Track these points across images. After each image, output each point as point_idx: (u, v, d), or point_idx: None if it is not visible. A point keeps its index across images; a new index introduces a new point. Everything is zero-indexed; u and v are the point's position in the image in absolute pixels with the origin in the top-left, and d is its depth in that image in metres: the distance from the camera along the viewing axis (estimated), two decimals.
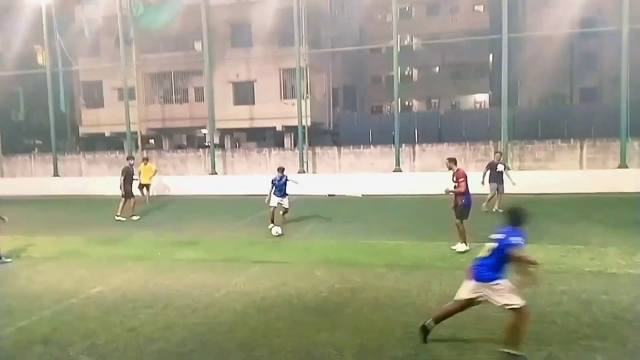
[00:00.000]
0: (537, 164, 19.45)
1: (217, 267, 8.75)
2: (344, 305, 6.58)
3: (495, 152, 15.68)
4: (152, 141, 33.00)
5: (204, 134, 31.73)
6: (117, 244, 11.11)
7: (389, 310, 6.34)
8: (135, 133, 24.30)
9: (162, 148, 30.19)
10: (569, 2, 24.05)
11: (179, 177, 22.56)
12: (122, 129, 23.96)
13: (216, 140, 25.52)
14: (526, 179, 17.70)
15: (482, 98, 42.81)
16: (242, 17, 27.70)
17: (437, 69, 44.23)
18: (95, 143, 33.01)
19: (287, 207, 12.39)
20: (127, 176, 14.61)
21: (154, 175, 18.02)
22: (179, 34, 28.18)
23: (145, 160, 18.27)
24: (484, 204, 13.54)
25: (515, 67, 29.19)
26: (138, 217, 14.53)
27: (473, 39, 31.82)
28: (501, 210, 12.43)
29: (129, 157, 16.05)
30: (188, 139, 35.41)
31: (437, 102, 43.46)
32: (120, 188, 14.45)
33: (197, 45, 27.88)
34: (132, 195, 14.66)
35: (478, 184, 13.08)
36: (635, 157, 18.32)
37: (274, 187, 12.12)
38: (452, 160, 9.72)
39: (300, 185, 12.79)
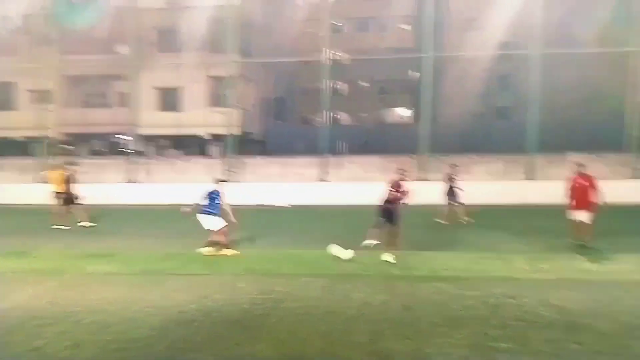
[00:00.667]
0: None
1: (134, 281, 8.36)
2: (267, 317, 6.52)
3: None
4: (69, 147, 31.09)
5: (126, 140, 30.46)
6: (24, 257, 10.29)
7: (312, 320, 6.36)
8: (51, 138, 22.84)
9: (78, 154, 28.53)
10: (488, 26, 25.77)
11: (96, 185, 21.40)
12: (37, 133, 22.43)
13: (139, 147, 24.54)
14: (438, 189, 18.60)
15: (407, 113, 44.53)
16: (170, 22, 27.02)
17: (366, 84, 45.50)
18: (5, 148, 30.61)
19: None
20: (68, 183, 14.20)
21: (66, 181, 16.89)
22: (104, 36, 26.96)
23: (58, 167, 17.14)
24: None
25: (437, 85, 30.69)
26: (67, 227, 13.91)
27: (400, 57, 33.15)
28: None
29: (70, 163, 15.47)
30: (107, 145, 33.78)
31: (365, 116, 44.62)
32: (60, 196, 14.14)
33: (122, 49, 26.78)
34: (73, 203, 14.31)
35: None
36: (541, 171, 19.83)
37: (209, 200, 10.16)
38: (403, 171, 10.06)
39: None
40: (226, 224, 10.13)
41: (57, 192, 16.50)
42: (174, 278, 8.47)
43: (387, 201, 9.62)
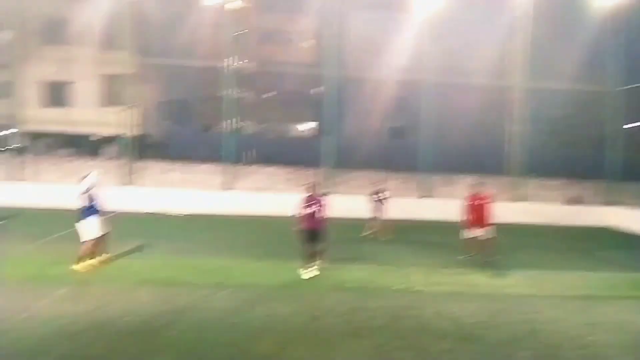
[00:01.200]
0: (355, 190, 21.30)
1: (17, 289, 7.56)
2: (167, 328, 6.25)
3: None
4: None
5: (6, 135, 27.52)
6: None
7: (215, 331, 6.22)
8: None
9: None
10: (388, 50, 27.31)
11: None
12: None
13: (22, 144, 22.28)
14: (345, 204, 19.28)
15: (312, 126, 45.43)
16: (59, 12, 24.99)
17: (271, 94, 45.71)
18: None
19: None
20: None
21: None
22: None
23: None
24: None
25: (340, 101, 31.74)
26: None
27: (304, 72, 33.87)
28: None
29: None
30: None
31: (269, 126, 44.74)
32: None
33: (3, 35, 24.23)
34: None
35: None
36: (435, 189, 21.32)
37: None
38: (314, 186, 9.51)
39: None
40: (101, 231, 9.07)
41: None
42: (63, 287, 7.79)
43: (310, 221, 9.11)
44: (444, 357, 5.79)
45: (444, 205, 20.19)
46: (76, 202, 9.04)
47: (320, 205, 9.19)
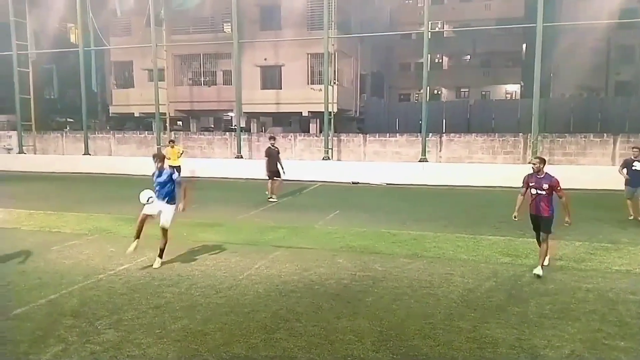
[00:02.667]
0: (567, 158, 19.03)
1: (240, 250, 8.88)
2: (365, 293, 6.61)
3: (634, 148, 12.03)
4: (179, 123, 33.44)
5: (231, 117, 31.98)
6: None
7: (410, 301, 6.34)
8: (164, 114, 24.64)
9: (189, 130, 30.56)
10: None
11: (205, 160, 22.86)
12: (151, 109, 24.33)
13: (242, 124, 25.67)
14: (556, 173, 17.41)
15: (514, 89, 41.90)
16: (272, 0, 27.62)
17: (468, 57, 43.41)
18: (125, 122, 33.65)
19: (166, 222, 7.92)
20: (270, 157, 14.61)
21: (181, 155, 18.12)
22: (209, 15, 28.31)
23: (172, 142, 18.47)
24: None
25: (549, 57, 28.42)
26: (275, 200, 14.53)
27: (506, 27, 31.10)
28: None
29: (271, 138, 15.73)
30: (215, 122, 35.72)
31: (467, 92, 42.72)
32: (266, 170, 14.61)
33: (227, 28, 27.95)
34: (279, 175, 14.61)
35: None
36: None
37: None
38: (543, 162, 7.67)
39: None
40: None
41: (173, 167, 17.72)
42: (277, 250, 8.87)
43: (534, 205, 7.48)
44: None
45: None
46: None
47: (548, 187, 7.35)
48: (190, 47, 27.88)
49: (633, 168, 11.44)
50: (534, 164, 7.61)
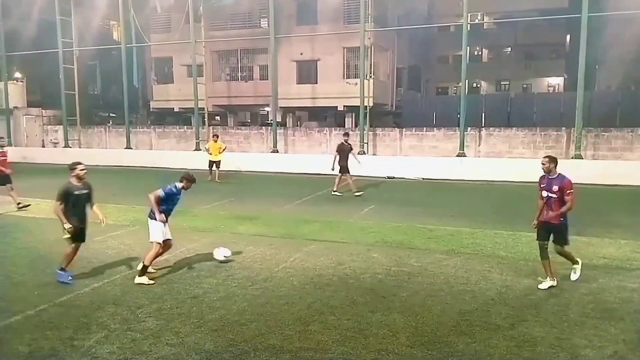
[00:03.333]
0: (612, 153, 18.29)
1: (276, 243, 8.98)
2: (400, 288, 6.57)
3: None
4: (217, 118, 33.99)
5: (267, 111, 32.25)
6: (184, 215, 11.54)
7: (446, 297, 6.27)
8: (203, 109, 25.11)
9: (227, 125, 31.04)
10: None
11: (243, 154, 23.19)
12: (190, 104, 24.84)
13: (278, 119, 25.88)
14: (600, 168, 16.81)
15: (556, 81, 40.50)
16: None
17: (509, 49, 42.22)
18: (165, 117, 34.47)
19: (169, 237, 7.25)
20: (342, 152, 14.42)
21: (223, 151, 18.33)
22: (246, 11, 28.59)
23: (215, 137, 18.71)
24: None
25: (593, 49, 27.25)
26: (360, 192, 14.39)
27: (549, 18, 30.03)
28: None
29: (345, 134, 15.74)
30: (252, 117, 36.13)
31: (507, 85, 41.60)
32: (335, 164, 14.41)
33: (264, 23, 28.17)
34: (348, 171, 14.43)
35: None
36: None
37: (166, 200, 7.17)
38: (553, 161, 6.64)
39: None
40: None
41: (213, 161, 17.98)
42: (312, 243, 8.93)
43: (544, 211, 6.63)
44: None
45: None
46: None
47: (557, 192, 6.42)
48: (227, 43, 28.24)
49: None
50: (543, 163, 6.63)
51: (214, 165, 17.92)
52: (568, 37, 37.20)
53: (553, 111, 22.02)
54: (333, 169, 14.34)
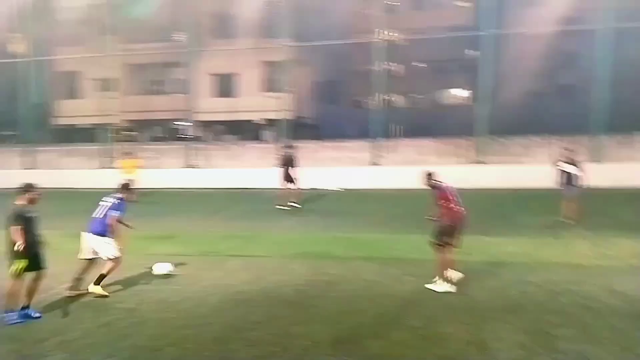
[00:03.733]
0: (513, 159, 19.76)
1: (193, 261, 8.70)
2: (320, 298, 6.62)
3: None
4: (131, 133, 32.54)
5: (183, 126, 31.39)
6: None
7: (365, 302, 6.40)
8: (115, 125, 23.96)
9: (140, 140, 29.81)
10: (551, 1, 24.40)
11: (156, 170, 22.32)
12: (101, 120, 23.60)
13: (196, 133, 25.27)
14: (502, 173, 18.13)
15: (464, 94, 43.22)
16: (225, 8, 27.38)
17: (420, 64, 44.47)
18: (73, 135, 32.45)
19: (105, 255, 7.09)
20: (287, 164, 14.51)
21: (136, 168, 17.32)
22: (162, 24, 27.81)
23: (128, 154, 17.78)
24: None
25: (496, 63, 29.44)
26: (298, 205, 14.31)
27: (457, 35, 32.16)
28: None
29: (288, 146, 15.47)
30: (167, 132, 35.01)
31: (419, 98, 43.72)
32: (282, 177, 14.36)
33: (180, 36, 27.52)
34: (292, 181, 14.41)
35: None
36: (608, 153, 18.71)
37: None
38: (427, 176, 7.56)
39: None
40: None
41: (128, 180, 16.89)
42: (232, 259, 8.75)
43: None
44: (613, 336, 5.16)
45: (619, 170, 17.73)
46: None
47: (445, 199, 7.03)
48: (141, 56, 27.25)
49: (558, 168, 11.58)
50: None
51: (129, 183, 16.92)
52: (473, 52, 39.93)
53: (461, 121, 23.39)
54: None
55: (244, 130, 31.24)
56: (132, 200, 7.35)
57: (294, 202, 14.26)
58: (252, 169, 20.80)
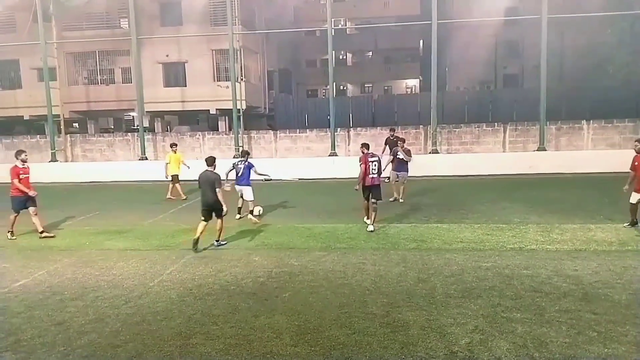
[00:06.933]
0: (463, 147, 20.40)
1: (150, 256, 8.52)
2: (282, 289, 6.64)
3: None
4: (76, 125, 31.18)
5: (132, 116, 30.42)
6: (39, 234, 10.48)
7: (326, 292, 6.48)
8: (58, 116, 22.87)
9: (87, 132, 28.62)
10: None
11: (107, 163, 21.57)
12: (43, 111, 22.45)
13: (145, 124, 24.53)
14: (454, 161, 18.70)
15: (413, 83, 44.03)
16: None
17: (371, 53, 44.89)
18: (14, 126, 30.73)
19: (248, 198, 11.29)
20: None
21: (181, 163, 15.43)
22: (104, 10, 26.66)
23: (175, 145, 15.61)
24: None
25: (444, 53, 30.23)
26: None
27: (404, 25, 32.61)
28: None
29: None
30: (115, 123, 33.78)
31: (371, 87, 44.19)
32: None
33: (124, 23, 26.48)
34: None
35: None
36: (552, 140, 19.66)
37: (235, 172, 11.37)
38: (364, 145, 10.40)
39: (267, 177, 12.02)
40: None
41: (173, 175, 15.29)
42: (190, 253, 8.62)
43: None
44: (563, 317, 5.47)
45: (563, 157, 18.69)
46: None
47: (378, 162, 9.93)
48: (84, 44, 26.03)
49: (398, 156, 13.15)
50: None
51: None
52: (422, 42, 40.69)
53: (411, 110, 23.87)
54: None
55: (198, 120, 30.61)
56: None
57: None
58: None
